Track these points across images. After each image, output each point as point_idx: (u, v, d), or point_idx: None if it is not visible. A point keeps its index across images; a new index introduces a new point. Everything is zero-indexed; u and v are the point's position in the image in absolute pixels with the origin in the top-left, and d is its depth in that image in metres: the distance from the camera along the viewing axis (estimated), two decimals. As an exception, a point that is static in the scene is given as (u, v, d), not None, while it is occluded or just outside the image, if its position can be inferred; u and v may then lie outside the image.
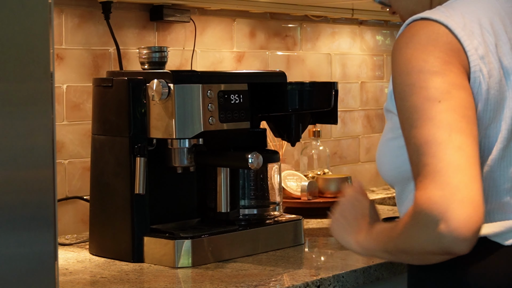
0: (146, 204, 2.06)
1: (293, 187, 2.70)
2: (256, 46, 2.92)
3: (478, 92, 1.43)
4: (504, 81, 1.46)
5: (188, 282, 1.88)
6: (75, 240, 2.31)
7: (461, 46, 1.43)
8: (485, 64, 1.44)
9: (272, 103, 2.18)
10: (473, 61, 1.43)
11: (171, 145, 2.08)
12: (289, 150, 2.94)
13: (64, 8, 2.38)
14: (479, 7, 1.51)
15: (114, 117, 2.08)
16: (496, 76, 1.45)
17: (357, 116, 3.32)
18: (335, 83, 2.26)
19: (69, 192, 2.40)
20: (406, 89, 1.40)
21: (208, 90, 2.04)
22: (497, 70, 1.46)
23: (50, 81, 1.34)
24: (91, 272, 1.96)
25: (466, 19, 1.47)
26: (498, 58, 1.47)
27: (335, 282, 1.88)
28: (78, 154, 2.41)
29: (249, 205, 2.19)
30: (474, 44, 1.44)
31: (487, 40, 1.47)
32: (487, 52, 1.46)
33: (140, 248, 2.04)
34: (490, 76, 1.45)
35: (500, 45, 1.48)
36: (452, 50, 1.43)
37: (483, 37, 1.46)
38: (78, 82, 2.41)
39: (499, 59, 1.47)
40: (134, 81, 2.06)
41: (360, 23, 3.32)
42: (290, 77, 2.30)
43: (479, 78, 1.43)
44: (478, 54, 1.44)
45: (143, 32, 2.56)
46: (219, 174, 2.08)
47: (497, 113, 1.46)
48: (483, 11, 1.51)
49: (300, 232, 2.23)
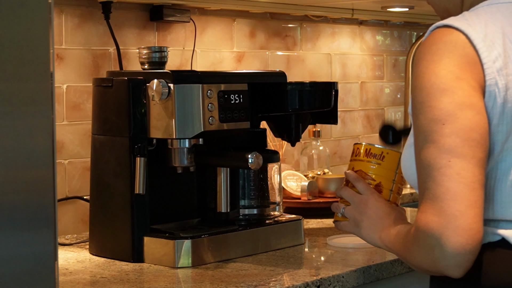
0: (146, 204, 2.06)
1: (293, 187, 2.70)
2: (256, 46, 2.92)
3: (493, 106, 1.43)
4: None
5: (188, 282, 1.88)
6: (75, 240, 2.31)
7: (479, 58, 1.42)
8: (502, 76, 1.43)
9: (272, 103, 2.18)
10: (489, 74, 1.42)
11: (171, 145, 2.08)
12: (289, 150, 2.94)
13: (64, 8, 2.38)
14: (506, 15, 1.49)
15: (114, 117, 2.08)
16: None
17: (357, 116, 3.33)
18: (335, 83, 2.26)
19: (69, 192, 2.40)
20: (417, 106, 1.43)
21: (208, 90, 2.04)
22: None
23: (50, 81, 1.34)
24: (91, 272, 1.96)
25: (489, 28, 1.46)
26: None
27: (335, 282, 1.88)
28: (78, 154, 2.41)
29: (249, 205, 2.19)
30: (493, 56, 1.43)
31: (509, 51, 1.45)
32: (507, 64, 1.44)
33: (140, 248, 2.04)
34: (507, 89, 1.43)
35: None
36: (468, 63, 1.42)
37: (504, 47, 1.45)
38: (78, 82, 2.41)
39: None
40: (134, 81, 2.06)
41: (360, 23, 3.32)
42: (290, 77, 2.30)
43: (494, 92, 1.42)
44: (495, 66, 1.43)
45: (143, 32, 2.56)
46: (219, 174, 2.08)
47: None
48: (509, 20, 1.49)
49: (300, 232, 2.23)
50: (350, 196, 1.73)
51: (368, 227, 1.68)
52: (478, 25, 1.46)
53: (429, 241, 1.38)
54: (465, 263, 1.37)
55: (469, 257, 1.36)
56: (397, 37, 3.50)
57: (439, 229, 1.36)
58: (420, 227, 1.39)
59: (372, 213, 1.68)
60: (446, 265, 1.37)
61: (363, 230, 1.69)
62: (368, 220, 1.68)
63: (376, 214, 1.67)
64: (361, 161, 1.77)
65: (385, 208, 1.67)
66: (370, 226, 1.67)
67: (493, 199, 1.45)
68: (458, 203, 1.35)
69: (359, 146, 1.78)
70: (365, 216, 1.69)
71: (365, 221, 1.68)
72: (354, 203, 1.71)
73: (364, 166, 1.76)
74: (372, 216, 1.68)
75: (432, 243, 1.37)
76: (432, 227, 1.37)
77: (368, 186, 1.72)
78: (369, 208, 1.69)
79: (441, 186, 1.37)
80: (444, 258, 1.37)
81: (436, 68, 1.42)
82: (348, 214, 1.72)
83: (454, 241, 1.35)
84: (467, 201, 1.35)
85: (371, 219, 1.68)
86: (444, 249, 1.36)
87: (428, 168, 1.39)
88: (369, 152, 1.76)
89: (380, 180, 1.74)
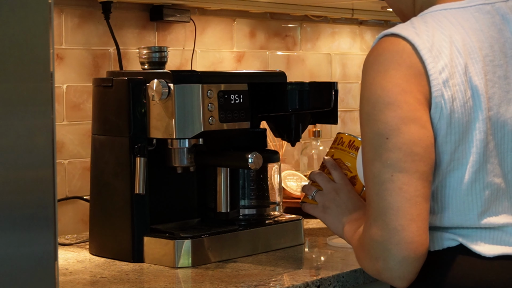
0: (146, 204, 2.06)
1: (293, 187, 2.70)
2: (256, 46, 2.92)
3: (441, 117, 1.43)
4: (471, 103, 1.44)
5: (188, 282, 1.88)
6: (75, 240, 2.31)
7: (424, 69, 1.42)
8: (448, 87, 1.43)
9: (272, 103, 2.18)
10: (435, 86, 1.42)
11: (171, 145, 2.08)
12: (289, 150, 2.94)
13: (64, 8, 2.38)
14: (454, 22, 1.48)
15: (114, 117, 2.08)
16: (460, 99, 1.43)
17: (357, 116, 3.32)
18: (335, 83, 2.26)
19: (69, 192, 2.40)
20: (364, 117, 1.45)
21: (208, 90, 2.04)
22: (462, 92, 1.43)
23: (50, 81, 1.34)
24: (91, 272, 1.96)
25: (437, 36, 1.45)
26: (467, 78, 1.44)
27: (335, 282, 1.88)
28: (78, 154, 2.41)
29: (249, 205, 2.19)
30: (439, 67, 1.42)
31: (456, 61, 1.44)
32: (453, 74, 1.43)
33: (140, 248, 2.04)
34: (454, 100, 1.43)
35: (472, 64, 1.45)
36: (414, 75, 1.42)
37: (451, 56, 1.44)
38: (78, 82, 2.41)
39: (467, 80, 1.44)
40: (134, 81, 2.06)
41: (360, 23, 3.32)
42: (290, 77, 2.30)
43: (440, 103, 1.42)
44: (441, 77, 1.42)
45: (143, 32, 2.56)
46: (219, 174, 2.08)
47: (464, 135, 1.44)
48: (457, 27, 1.47)
49: (300, 232, 2.23)
50: (324, 182, 1.75)
51: (334, 216, 1.69)
52: (425, 33, 1.45)
53: (373, 252, 1.42)
54: (408, 275, 1.41)
55: (412, 270, 1.40)
56: (397, 37, 3.50)
57: (382, 242, 1.40)
58: (366, 238, 1.44)
59: (342, 203, 1.70)
60: (389, 276, 1.42)
61: (328, 217, 1.71)
62: (337, 209, 1.70)
63: (345, 205, 1.69)
64: (342, 151, 1.79)
65: (356, 201, 1.69)
66: (337, 215, 1.69)
67: (449, 207, 1.47)
68: (399, 217, 1.38)
69: (343, 136, 1.81)
70: (334, 204, 1.71)
71: (333, 209, 1.70)
72: (327, 189, 1.73)
73: (343, 156, 1.79)
74: (341, 206, 1.69)
75: (376, 255, 1.42)
76: (376, 239, 1.41)
77: (343, 176, 1.74)
78: (340, 197, 1.71)
79: (383, 200, 1.40)
80: (388, 269, 1.41)
81: (382, 80, 1.42)
82: (318, 198, 1.74)
83: (397, 254, 1.39)
84: (409, 215, 1.38)
85: (340, 208, 1.69)
86: (388, 261, 1.40)
87: (373, 181, 1.42)
88: (352, 144, 1.78)
89: (356, 173, 1.76)
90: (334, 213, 1.70)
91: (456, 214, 1.46)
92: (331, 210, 1.70)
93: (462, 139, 1.44)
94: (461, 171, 1.45)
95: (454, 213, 1.46)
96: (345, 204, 1.69)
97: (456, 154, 1.45)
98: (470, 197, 1.46)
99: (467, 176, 1.45)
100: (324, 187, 1.74)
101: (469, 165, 1.45)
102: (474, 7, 1.50)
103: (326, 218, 1.71)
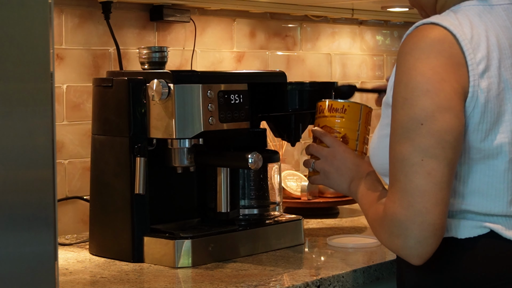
0: (146, 204, 2.06)
1: (293, 187, 2.70)
2: (256, 46, 2.92)
3: (475, 106, 1.48)
4: (503, 95, 1.50)
5: (188, 282, 1.88)
6: (75, 240, 2.31)
7: (464, 59, 1.48)
8: (484, 79, 1.48)
9: (272, 103, 2.18)
10: (473, 76, 1.47)
11: (171, 145, 2.08)
12: (289, 150, 2.94)
13: (64, 8, 2.38)
14: (487, 19, 1.54)
15: (114, 117, 2.08)
16: (495, 90, 1.49)
17: (357, 116, 3.32)
18: (335, 83, 2.26)
19: (69, 192, 2.40)
20: (400, 101, 1.49)
21: (208, 90, 2.04)
22: (496, 84, 1.49)
23: (50, 81, 1.34)
24: (91, 272, 1.96)
25: (475, 30, 1.50)
26: (500, 72, 1.50)
27: (335, 282, 1.88)
28: (78, 154, 2.41)
29: (249, 205, 2.19)
30: (477, 58, 1.48)
31: (492, 54, 1.50)
32: (489, 66, 1.49)
33: (140, 248, 2.04)
34: (489, 90, 1.49)
35: (504, 59, 1.51)
36: (453, 64, 1.47)
37: (488, 50, 1.50)
38: (78, 82, 2.41)
39: (500, 74, 1.50)
40: (134, 81, 2.06)
41: (360, 23, 3.32)
42: (290, 77, 2.30)
43: (477, 93, 1.48)
44: (479, 69, 1.48)
45: (143, 32, 2.56)
46: (219, 174, 2.08)
47: (494, 125, 1.50)
48: (490, 24, 1.53)
49: (300, 232, 2.23)
50: (318, 151, 1.83)
51: (337, 177, 1.78)
52: (464, 25, 1.50)
53: (394, 230, 1.47)
54: (425, 254, 1.47)
55: (430, 250, 1.46)
56: (397, 37, 3.50)
57: (405, 221, 1.45)
58: (388, 215, 1.48)
59: (341, 164, 1.78)
60: (408, 254, 1.47)
61: (332, 181, 1.79)
62: (337, 171, 1.78)
63: (344, 165, 1.78)
64: (326, 117, 1.87)
65: (353, 159, 1.78)
66: (339, 177, 1.77)
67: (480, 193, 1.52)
68: (425, 200, 1.44)
69: (322, 103, 1.88)
70: (334, 167, 1.79)
71: (334, 172, 1.79)
72: (323, 156, 1.81)
73: (328, 121, 1.86)
74: (341, 167, 1.78)
75: (398, 232, 1.46)
76: (399, 218, 1.46)
77: (335, 139, 1.82)
78: (337, 159, 1.79)
79: (411, 182, 1.45)
80: (407, 248, 1.46)
81: (422, 67, 1.46)
82: (318, 167, 1.82)
83: (419, 235, 1.45)
84: (434, 199, 1.44)
85: (340, 169, 1.78)
86: (408, 240, 1.45)
87: (402, 162, 1.47)
88: (332, 107, 1.85)
89: (345, 132, 1.84)
90: (336, 175, 1.78)
91: (487, 200, 1.52)
92: (332, 174, 1.79)
93: (493, 129, 1.50)
94: (496, 160, 1.51)
95: (484, 199, 1.52)
96: (343, 164, 1.77)
97: (486, 142, 1.50)
98: (502, 185, 1.52)
99: (502, 165, 1.51)
100: (320, 155, 1.82)
101: (503, 154, 1.51)
102: (502, 6, 1.57)
103: (330, 182, 1.80)
